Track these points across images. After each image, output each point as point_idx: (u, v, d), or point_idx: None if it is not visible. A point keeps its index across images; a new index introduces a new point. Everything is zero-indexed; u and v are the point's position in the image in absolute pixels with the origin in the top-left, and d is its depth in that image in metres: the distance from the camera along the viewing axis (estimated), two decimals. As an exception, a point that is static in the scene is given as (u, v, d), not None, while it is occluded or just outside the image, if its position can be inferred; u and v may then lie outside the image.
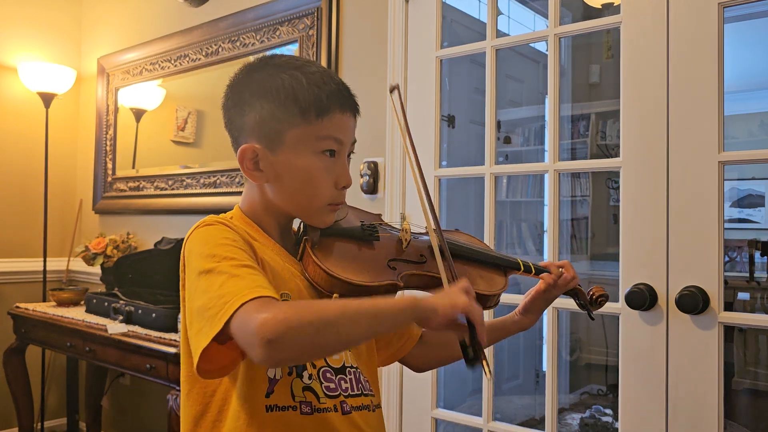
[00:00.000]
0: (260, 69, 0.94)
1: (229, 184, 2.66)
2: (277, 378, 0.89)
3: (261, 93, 0.92)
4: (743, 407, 3.93)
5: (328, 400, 0.91)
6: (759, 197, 5.22)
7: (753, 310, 3.95)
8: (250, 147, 0.92)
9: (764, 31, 4.35)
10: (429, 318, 0.82)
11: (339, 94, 0.92)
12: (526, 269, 1.10)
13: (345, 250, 0.95)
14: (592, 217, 4.30)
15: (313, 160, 0.91)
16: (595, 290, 1.14)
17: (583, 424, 2.99)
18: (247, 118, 0.92)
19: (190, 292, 0.84)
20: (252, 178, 0.94)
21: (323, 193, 0.93)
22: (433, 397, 2.00)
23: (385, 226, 1.03)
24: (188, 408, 0.93)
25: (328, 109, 0.90)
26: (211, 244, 0.85)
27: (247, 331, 0.73)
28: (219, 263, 0.81)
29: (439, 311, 0.82)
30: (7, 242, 3.24)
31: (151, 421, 3.02)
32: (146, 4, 3.18)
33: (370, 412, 0.97)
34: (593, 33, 3.41)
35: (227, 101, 0.96)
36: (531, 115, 4.14)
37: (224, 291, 0.78)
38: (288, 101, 0.90)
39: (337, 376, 0.94)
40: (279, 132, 0.91)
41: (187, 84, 2.95)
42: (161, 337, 2.20)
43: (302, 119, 0.90)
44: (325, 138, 0.91)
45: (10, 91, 3.26)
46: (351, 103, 0.94)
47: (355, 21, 2.27)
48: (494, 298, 1.02)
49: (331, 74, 0.95)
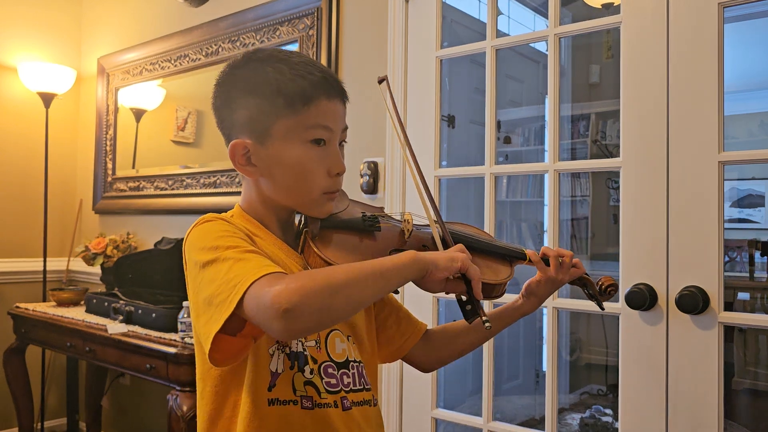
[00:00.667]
0: (244, 65, 0.94)
1: (229, 184, 2.66)
2: (279, 372, 0.89)
3: (247, 89, 0.92)
4: (743, 407, 3.93)
5: (328, 396, 0.91)
6: (759, 197, 5.22)
7: (753, 310, 3.95)
8: (240, 142, 0.92)
9: (764, 31, 4.35)
10: (430, 272, 0.85)
11: (324, 81, 0.92)
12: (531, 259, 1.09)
13: (346, 241, 0.95)
14: (592, 217, 4.30)
15: (304, 150, 0.91)
16: (603, 280, 1.13)
17: (583, 424, 2.99)
18: (236, 115, 0.93)
19: (194, 285, 0.84)
20: (245, 173, 0.94)
21: (317, 183, 0.93)
22: (433, 397, 2.00)
23: (386, 217, 1.02)
24: (203, 407, 0.93)
25: (313, 97, 0.90)
26: (211, 237, 0.85)
27: (263, 306, 0.73)
28: (223, 252, 0.82)
29: (440, 264, 0.85)
30: (7, 242, 3.24)
31: (151, 421, 3.02)
32: (146, 4, 3.18)
33: (371, 407, 0.98)
34: (593, 33, 3.41)
35: (216, 100, 0.96)
36: (531, 115, 4.14)
37: (232, 275, 0.78)
38: (273, 94, 0.90)
39: (340, 371, 0.94)
40: (267, 125, 0.91)
41: (187, 84, 2.95)
42: (161, 337, 2.20)
43: (289, 110, 0.90)
44: (313, 127, 0.91)
45: (10, 91, 3.26)
46: (337, 89, 0.94)
47: (355, 21, 2.27)
48: (500, 287, 1.01)
49: (315, 63, 0.95)
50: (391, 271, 0.81)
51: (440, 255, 0.87)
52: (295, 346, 0.91)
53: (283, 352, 0.90)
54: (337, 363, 0.94)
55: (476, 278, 0.88)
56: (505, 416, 2.92)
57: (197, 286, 0.83)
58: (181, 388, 2.05)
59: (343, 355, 0.96)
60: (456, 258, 0.87)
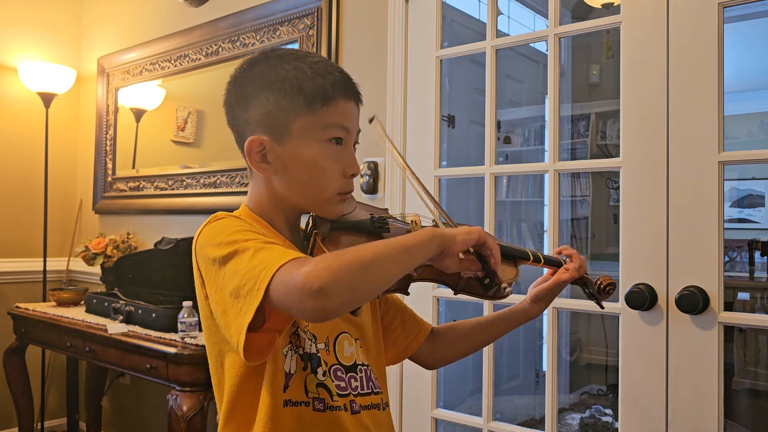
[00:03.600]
0: (262, 62, 0.94)
1: (229, 184, 2.66)
2: (292, 372, 0.89)
3: (265, 85, 0.91)
4: (743, 407, 3.93)
5: (339, 399, 0.91)
6: (759, 197, 5.22)
7: (753, 310, 3.95)
8: (257, 139, 0.91)
9: (764, 31, 4.35)
10: (449, 246, 0.85)
11: (342, 82, 0.92)
12: (535, 259, 1.10)
13: (355, 242, 0.94)
14: (592, 217, 4.30)
15: (321, 149, 0.91)
16: (602, 279, 1.14)
17: (583, 424, 2.99)
18: (252, 111, 0.92)
19: (216, 282, 0.83)
20: (259, 170, 0.94)
21: (332, 182, 0.93)
22: (433, 397, 2.00)
23: (394, 219, 1.03)
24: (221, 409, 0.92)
25: (332, 97, 0.91)
26: (227, 233, 0.84)
27: (293, 289, 0.72)
28: (242, 244, 0.81)
29: (458, 238, 0.86)
30: (7, 242, 3.24)
31: (151, 421, 3.02)
32: (146, 4, 3.18)
33: (380, 410, 0.97)
34: (593, 33, 3.41)
35: (229, 97, 0.96)
36: (531, 115, 4.14)
37: (255, 263, 0.77)
38: (293, 91, 0.90)
39: (348, 375, 0.94)
40: (285, 123, 0.90)
41: (187, 84, 2.95)
42: (161, 337, 2.20)
43: (308, 108, 0.90)
44: (331, 126, 0.91)
45: (10, 91, 3.26)
46: (354, 91, 0.95)
47: (355, 21, 2.27)
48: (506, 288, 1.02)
49: (333, 64, 0.95)
50: (415, 246, 0.81)
51: (457, 230, 0.88)
52: (309, 347, 0.91)
53: (296, 353, 0.90)
54: (346, 366, 0.94)
55: (494, 248, 0.90)
56: (505, 416, 2.92)
57: (220, 282, 0.81)
58: (181, 388, 2.05)
59: (351, 358, 0.95)
60: (472, 231, 0.88)
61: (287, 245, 0.94)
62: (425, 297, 1.98)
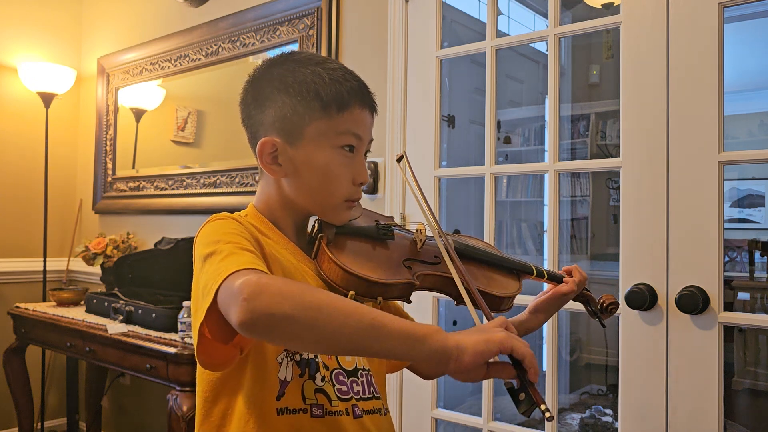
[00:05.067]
0: (281, 64, 0.94)
1: (229, 184, 2.66)
2: (289, 380, 0.87)
3: (282, 87, 0.92)
4: (743, 407, 3.93)
5: (340, 403, 0.90)
6: (759, 197, 5.23)
7: (753, 310, 3.95)
8: (270, 140, 0.92)
9: (764, 31, 4.35)
10: (455, 358, 0.73)
11: (359, 90, 0.93)
12: (538, 274, 1.11)
13: (360, 248, 0.95)
14: (592, 217, 4.30)
15: (333, 154, 0.92)
16: (605, 298, 1.17)
17: (583, 424, 2.99)
18: (267, 112, 0.93)
19: (195, 280, 0.84)
20: (270, 172, 0.94)
21: (341, 189, 0.93)
22: (433, 397, 2.00)
23: (399, 227, 1.03)
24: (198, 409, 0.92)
25: (348, 104, 0.91)
26: (217, 233, 0.85)
27: (229, 292, 0.71)
28: (221, 246, 0.81)
29: (469, 349, 0.73)
30: (7, 242, 3.24)
31: (151, 421, 3.02)
32: (146, 4, 3.18)
33: (382, 416, 0.97)
34: (593, 33, 3.41)
35: (246, 96, 0.96)
36: (531, 115, 4.15)
37: (220, 266, 0.77)
38: (310, 96, 0.90)
39: (350, 379, 0.93)
40: (299, 126, 0.91)
41: (187, 84, 2.95)
42: (161, 337, 2.20)
43: (323, 114, 0.90)
44: (344, 133, 0.92)
45: (10, 91, 3.26)
46: (370, 100, 0.95)
47: (355, 21, 2.27)
48: (508, 301, 1.02)
49: (351, 71, 0.95)
50: (392, 331, 0.72)
51: (471, 336, 0.75)
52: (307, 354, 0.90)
53: (293, 359, 0.89)
54: (347, 371, 0.93)
55: (529, 357, 0.75)
56: (505, 416, 2.92)
57: (196, 280, 0.83)
58: (181, 388, 2.05)
59: (352, 362, 0.95)
60: (492, 340, 0.74)
61: (290, 249, 0.95)
62: (426, 297, 1.98)
